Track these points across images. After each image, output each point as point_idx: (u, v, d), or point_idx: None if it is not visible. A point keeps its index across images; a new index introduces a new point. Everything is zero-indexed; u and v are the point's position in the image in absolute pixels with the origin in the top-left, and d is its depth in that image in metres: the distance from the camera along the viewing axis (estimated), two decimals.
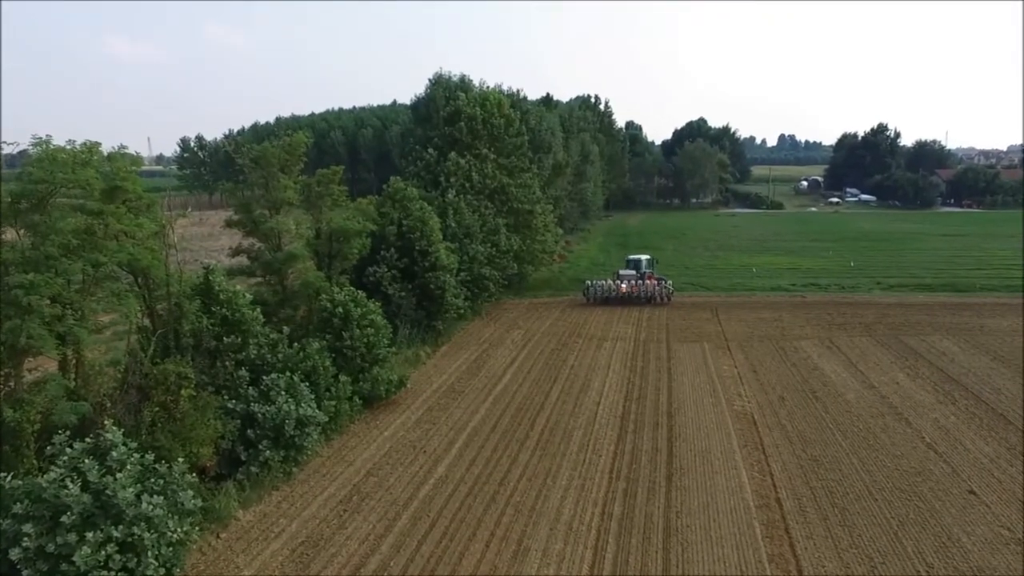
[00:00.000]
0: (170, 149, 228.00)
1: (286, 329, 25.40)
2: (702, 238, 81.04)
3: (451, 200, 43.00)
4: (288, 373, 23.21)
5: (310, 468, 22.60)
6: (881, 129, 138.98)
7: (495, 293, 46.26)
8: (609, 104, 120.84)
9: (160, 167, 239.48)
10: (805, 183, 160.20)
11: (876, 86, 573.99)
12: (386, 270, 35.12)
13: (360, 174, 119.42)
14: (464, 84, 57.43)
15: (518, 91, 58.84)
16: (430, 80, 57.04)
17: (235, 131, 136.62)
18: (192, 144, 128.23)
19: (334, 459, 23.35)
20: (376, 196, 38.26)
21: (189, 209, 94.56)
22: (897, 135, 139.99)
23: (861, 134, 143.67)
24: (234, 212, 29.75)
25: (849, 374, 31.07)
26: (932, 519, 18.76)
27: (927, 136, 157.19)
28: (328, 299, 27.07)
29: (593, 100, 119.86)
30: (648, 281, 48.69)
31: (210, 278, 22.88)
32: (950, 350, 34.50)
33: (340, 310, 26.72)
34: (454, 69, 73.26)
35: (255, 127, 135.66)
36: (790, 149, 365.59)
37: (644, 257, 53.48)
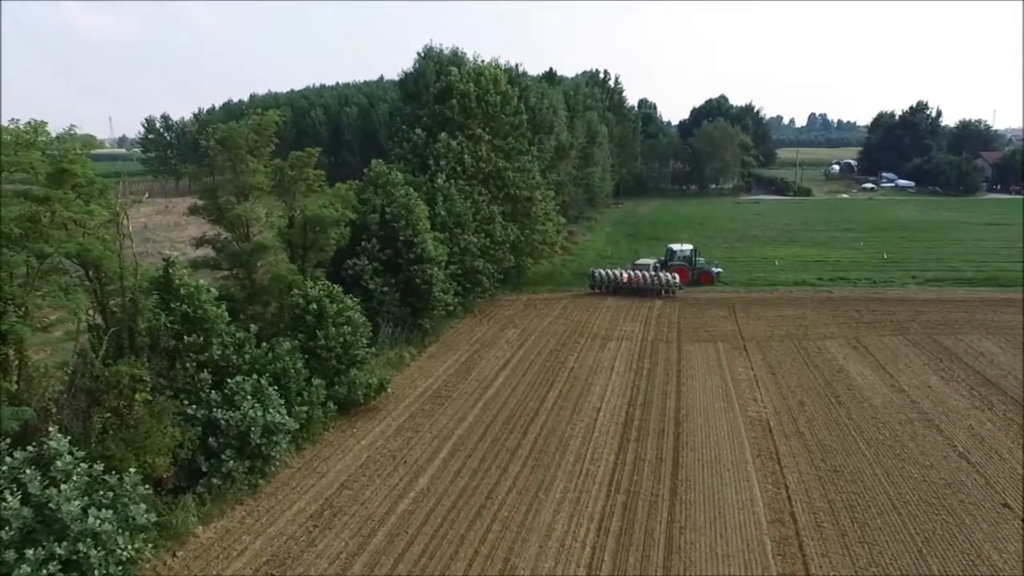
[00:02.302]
0: (134, 130, 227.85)
1: (254, 327, 25.49)
2: (721, 228, 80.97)
3: (440, 186, 43.02)
4: (255, 376, 23.31)
5: (279, 480, 22.71)
6: (920, 108, 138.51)
7: (489, 288, 46.30)
8: (619, 80, 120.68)
9: (123, 150, 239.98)
10: (837, 167, 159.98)
11: (917, 61, 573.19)
12: (367, 262, 35.19)
13: (344, 157, 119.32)
14: (457, 58, 57.74)
15: (516, 66, 58.86)
16: (419, 54, 57.40)
17: (204, 110, 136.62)
18: (157, 124, 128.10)
19: (305, 470, 23.46)
20: (357, 181, 38.25)
21: (147, 195, 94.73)
22: (938, 114, 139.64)
23: (899, 113, 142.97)
24: (199, 198, 29.80)
25: (877, 377, 31.12)
26: (961, 535, 18.83)
27: (972, 116, 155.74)
28: (301, 294, 27.16)
29: (602, 76, 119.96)
30: (662, 272, 49.20)
31: (170, 271, 22.94)
32: (990, 351, 34.53)
33: (314, 306, 26.81)
34: (448, 41, 73.86)
35: (227, 106, 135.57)
36: (821, 130, 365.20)
37: (687, 247, 53.60)
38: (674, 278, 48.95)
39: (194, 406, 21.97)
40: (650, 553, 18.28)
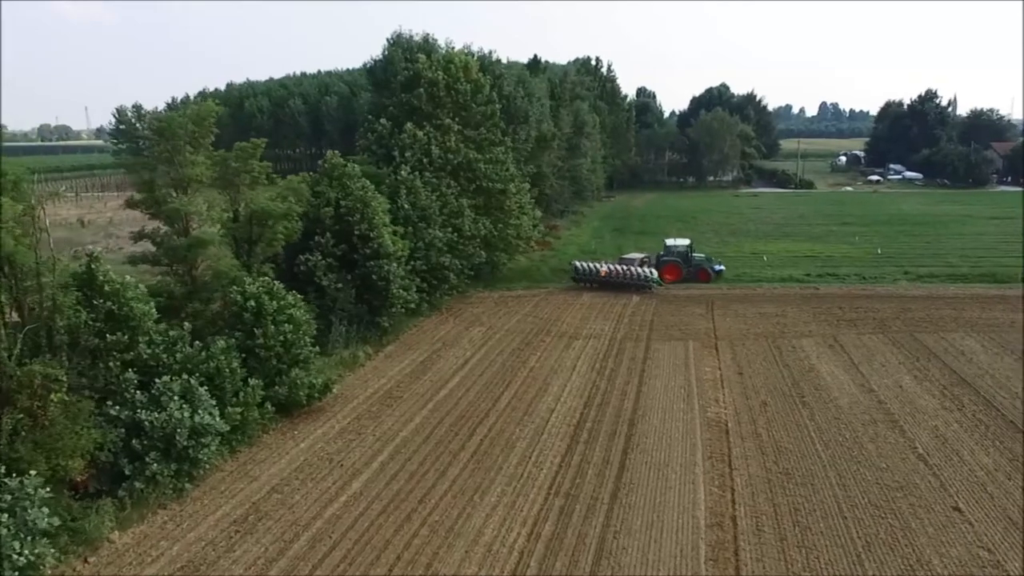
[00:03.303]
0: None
1: (187, 325, 25.65)
2: (714, 222, 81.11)
3: (405, 178, 43.14)
4: (185, 376, 23.47)
5: (208, 484, 22.88)
6: (930, 96, 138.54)
7: (458, 285, 46.49)
8: (612, 68, 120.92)
9: (100, 141, 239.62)
10: (844, 159, 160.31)
11: (935, 47, 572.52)
12: (320, 258, 35.32)
13: (324, 148, 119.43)
14: (427, 45, 57.86)
15: (490, 52, 58.95)
16: (388, 40, 57.38)
17: (179, 99, 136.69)
18: (129, 114, 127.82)
19: (237, 473, 23.63)
20: (312, 173, 38.43)
21: (64, 188, 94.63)
22: (949, 104, 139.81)
23: (907, 103, 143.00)
24: (136, 191, 29.96)
25: (848, 376, 31.30)
26: (905, 539, 19.00)
27: (991, 105, 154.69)
28: (239, 291, 27.29)
29: (594, 63, 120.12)
30: (642, 268, 49.47)
31: (93, 267, 23.09)
32: (971, 349, 34.70)
33: (252, 304, 26.94)
34: (438, 28, 73.69)
35: (203, 94, 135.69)
36: (832, 120, 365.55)
37: (682, 242, 53.92)
38: (651, 273, 49.15)
39: (117, 407, 22.13)
40: (579, 558, 18.46)
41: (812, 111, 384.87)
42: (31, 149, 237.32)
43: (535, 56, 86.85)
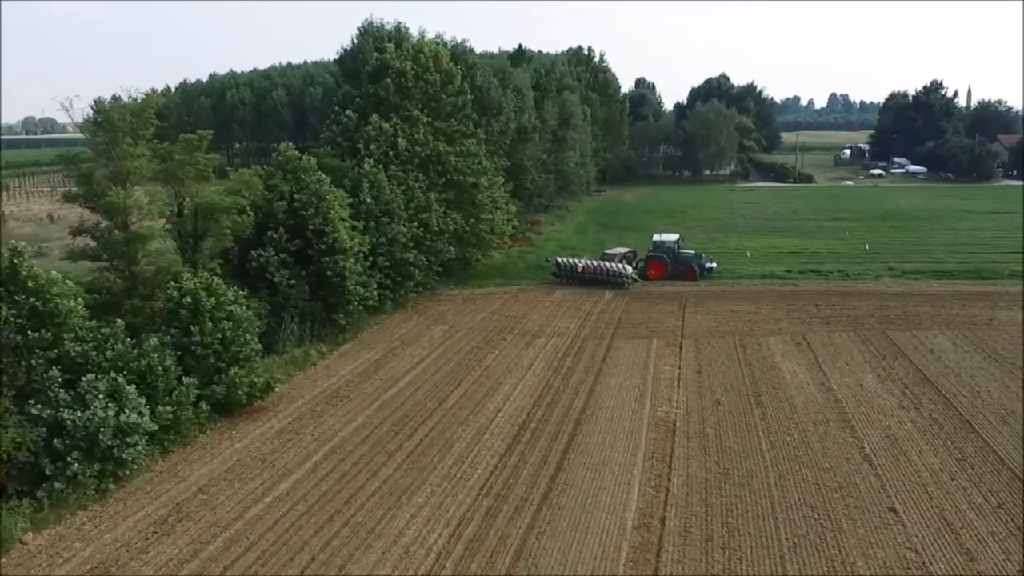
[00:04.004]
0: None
1: (120, 322, 25.84)
2: (704, 217, 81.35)
3: (367, 171, 43.29)
4: (113, 374, 23.68)
5: (134, 484, 23.10)
6: (935, 87, 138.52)
7: (426, 282, 46.67)
8: (604, 57, 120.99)
9: (82, 135, 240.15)
10: (848, 152, 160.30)
11: (954, 34, 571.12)
12: (273, 253, 35.50)
13: (308, 141, 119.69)
14: (400, 34, 57.99)
15: (463, 41, 59.12)
16: (359, 29, 57.57)
17: (159, 91, 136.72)
18: (107, 106, 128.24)
19: (167, 474, 23.86)
20: (263, 167, 38.64)
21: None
22: (955, 95, 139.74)
23: (912, 94, 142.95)
24: (74, 184, 30.18)
25: (809, 375, 31.48)
26: (833, 540, 19.17)
27: (1000, 96, 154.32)
28: (176, 287, 27.49)
29: (587, 52, 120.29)
30: (620, 264, 49.72)
31: (15, 262, 23.27)
32: (942, 347, 34.84)
33: (188, 300, 27.14)
34: (430, 21, 73.06)
35: (183, 86, 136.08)
36: (842, 111, 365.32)
37: (670, 237, 54.16)
38: (626, 269, 49.35)
39: (39, 406, 22.34)
40: (496, 559, 18.65)
41: (822, 102, 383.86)
42: (13, 143, 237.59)
43: (519, 46, 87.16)
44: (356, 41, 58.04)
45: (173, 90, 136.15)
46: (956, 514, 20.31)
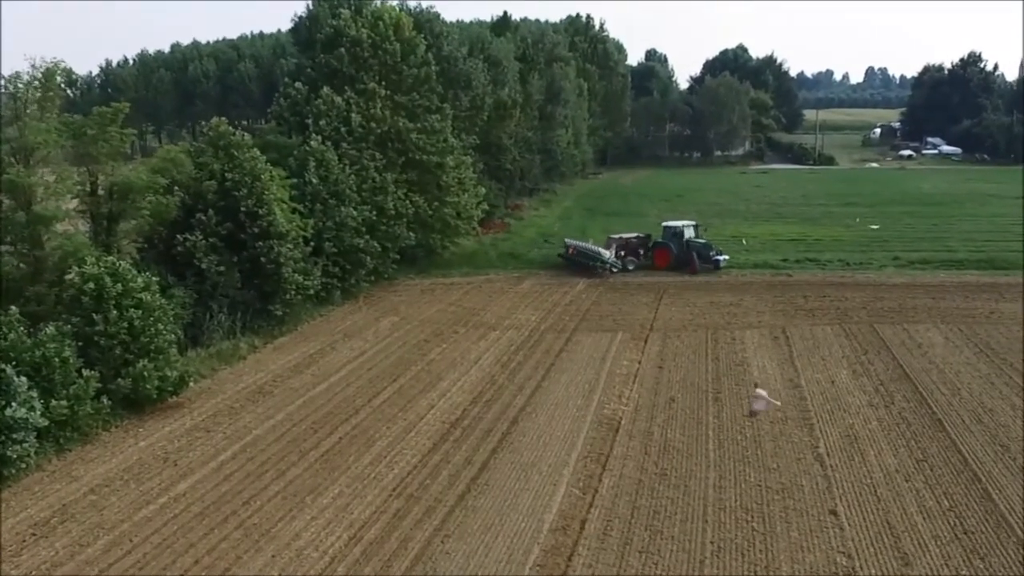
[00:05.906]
0: None
1: (14, 309, 26.26)
2: (705, 202, 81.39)
3: (314, 149, 43.64)
4: (2, 365, 24.10)
5: (22, 484, 23.52)
6: (973, 60, 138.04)
7: (382, 270, 47.09)
8: (605, 26, 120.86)
9: None
10: (878, 131, 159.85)
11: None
12: (201, 237, 35.90)
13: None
14: None
15: (428, 8, 59.33)
16: None
17: (115, 63, 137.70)
18: (59, 80, 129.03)
19: (59, 473, 24.29)
20: (192, 143, 39.05)
21: None
22: (995, 67, 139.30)
23: (947, 67, 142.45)
24: None
25: (779, 371, 31.82)
26: (762, 544, 19.53)
27: None
28: (78, 272, 27.89)
29: (585, 20, 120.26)
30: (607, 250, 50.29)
31: None
32: (931, 341, 35.11)
33: (91, 285, 27.54)
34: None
35: (142, 57, 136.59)
36: (880, 87, 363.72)
37: (684, 223, 54.09)
38: (609, 256, 49.66)
39: None
40: (393, 563, 19.05)
41: (858, 77, 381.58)
42: None
43: (504, 13, 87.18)
44: (312, 6, 58.26)
45: (131, 62, 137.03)
46: (902, 517, 20.61)
